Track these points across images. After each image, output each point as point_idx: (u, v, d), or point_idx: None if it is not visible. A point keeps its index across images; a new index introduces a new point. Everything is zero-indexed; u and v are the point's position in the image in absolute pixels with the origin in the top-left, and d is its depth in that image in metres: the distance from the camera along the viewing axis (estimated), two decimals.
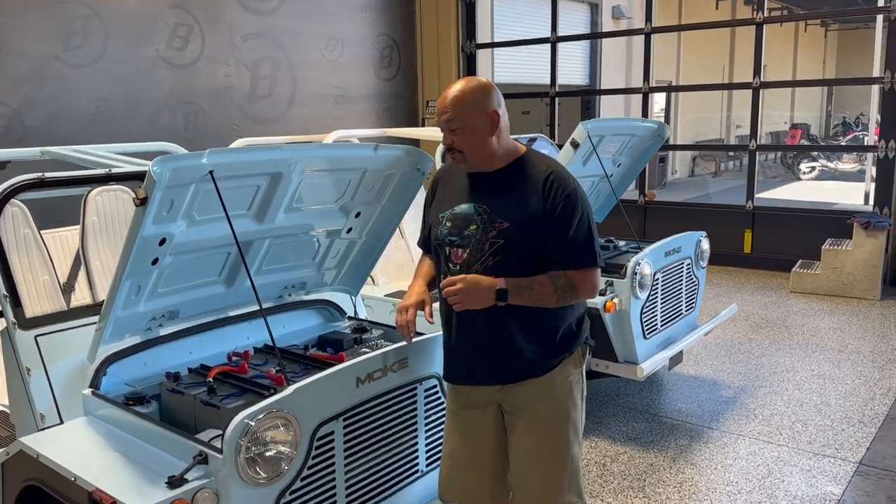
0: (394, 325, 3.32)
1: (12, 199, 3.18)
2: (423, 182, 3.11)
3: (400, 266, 5.26)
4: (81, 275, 4.18)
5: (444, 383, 2.56)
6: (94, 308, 2.80)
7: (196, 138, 7.82)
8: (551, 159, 2.35)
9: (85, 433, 2.46)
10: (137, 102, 7.34)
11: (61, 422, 2.52)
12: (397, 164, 2.97)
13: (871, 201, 7.59)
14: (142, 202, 2.16)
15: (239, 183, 2.51)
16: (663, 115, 18.10)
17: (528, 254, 2.24)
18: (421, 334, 3.14)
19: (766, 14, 7.95)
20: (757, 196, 8.29)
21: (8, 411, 2.75)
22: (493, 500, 2.45)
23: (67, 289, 4.34)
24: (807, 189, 15.93)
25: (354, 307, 3.50)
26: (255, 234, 2.77)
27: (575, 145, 3.92)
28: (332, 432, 2.33)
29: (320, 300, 3.36)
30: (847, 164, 17.18)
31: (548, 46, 9.64)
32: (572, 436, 2.35)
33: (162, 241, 2.43)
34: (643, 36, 8.86)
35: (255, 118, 8.49)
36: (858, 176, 15.49)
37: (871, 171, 12.90)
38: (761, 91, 8.08)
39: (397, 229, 5.36)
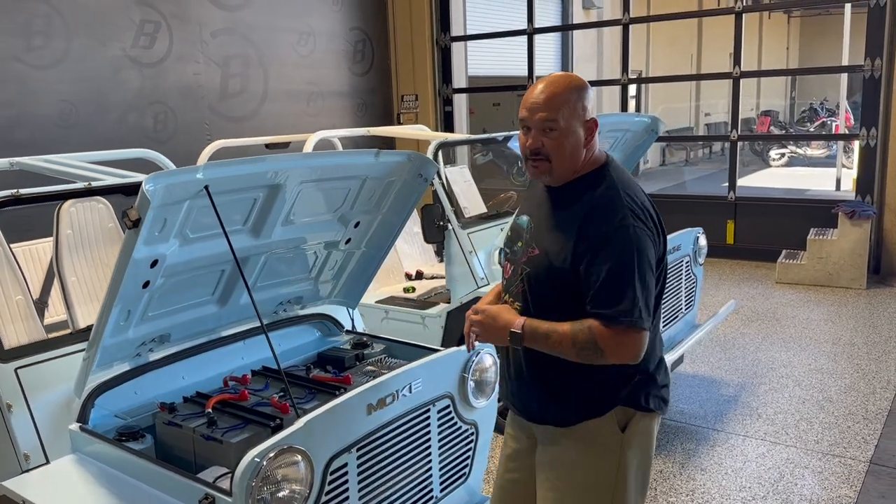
0: (394, 338, 3.20)
1: None
2: (425, 189, 2.95)
3: (388, 271, 5.09)
4: (55, 290, 3.95)
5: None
6: (77, 335, 2.61)
7: (166, 140, 7.54)
8: (615, 183, 1.91)
9: (74, 473, 2.27)
10: (104, 104, 7.03)
11: (47, 461, 2.32)
12: (398, 171, 2.80)
13: (848, 187, 7.59)
14: (134, 224, 1.97)
15: (235, 197, 2.34)
16: (634, 105, 18.12)
17: (553, 289, 1.91)
18: (421, 347, 3.01)
19: (745, 3, 7.90)
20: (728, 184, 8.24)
21: None
22: None
23: (40, 305, 4.10)
24: (778, 176, 16.04)
25: (352, 320, 3.33)
26: (251, 250, 2.60)
27: None
28: (346, 465, 2.17)
29: (316, 314, 3.19)
30: (816, 150, 17.35)
31: (520, 38, 9.50)
32: None
33: (153, 263, 2.24)
34: (620, 27, 8.75)
35: (227, 117, 8.22)
36: (828, 162, 15.64)
37: (842, 157, 13.04)
38: (741, 80, 8.03)
39: None
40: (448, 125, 10.00)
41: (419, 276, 5.21)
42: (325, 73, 9.32)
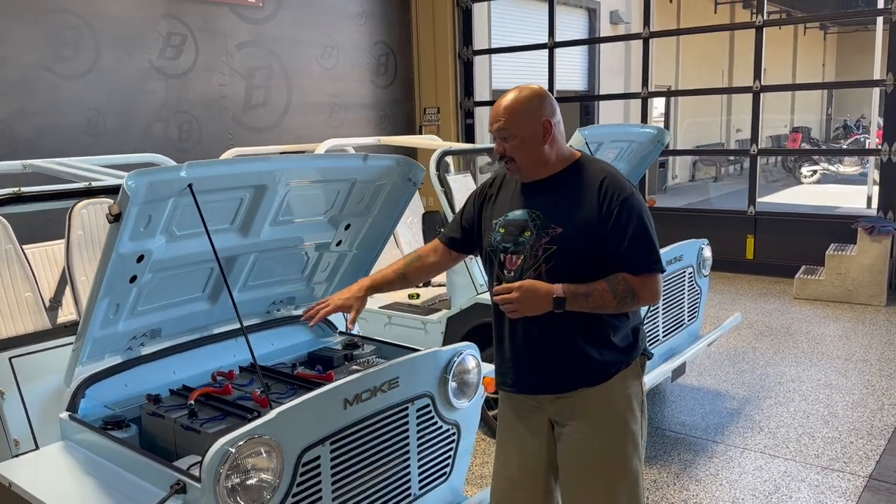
0: (388, 340, 3.26)
1: None
2: (415, 192, 3.01)
3: None
4: (68, 290, 4.08)
5: (499, 390, 2.44)
6: (71, 328, 2.70)
7: (190, 149, 7.74)
8: (606, 164, 2.29)
9: (61, 459, 2.35)
10: (130, 113, 7.25)
11: (37, 447, 2.41)
12: (388, 175, 2.87)
13: (875, 205, 7.46)
14: (115, 218, 2.06)
15: (221, 196, 2.42)
16: (662, 119, 18.02)
17: (581, 259, 2.17)
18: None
19: (765, 17, 7.85)
20: (758, 200, 8.18)
21: None
22: None
23: (54, 305, 4.24)
24: (809, 193, 15.82)
25: (346, 321, 3.38)
26: (240, 249, 2.68)
27: None
28: (319, 457, 2.22)
29: None
30: (849, 167, 17.05)
31: (545, 52, 9.56)
32: (631, 448, 2.24)
33: (140, 258, 2.33)
34: (642, 40, 8.76)
35: (250, 127, 8.40)
36: (861, 179, 15.38)
37: (874, 174, 12.81)
38: (762, 95, 7.97)
39: (392, 239, 5.30)
40: (469, 137, 10.08)
41: (427, 283, 5.26)
42: (349, 85, 9.47)
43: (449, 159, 5.75)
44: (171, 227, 2.35)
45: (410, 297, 4.79)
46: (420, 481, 2.61)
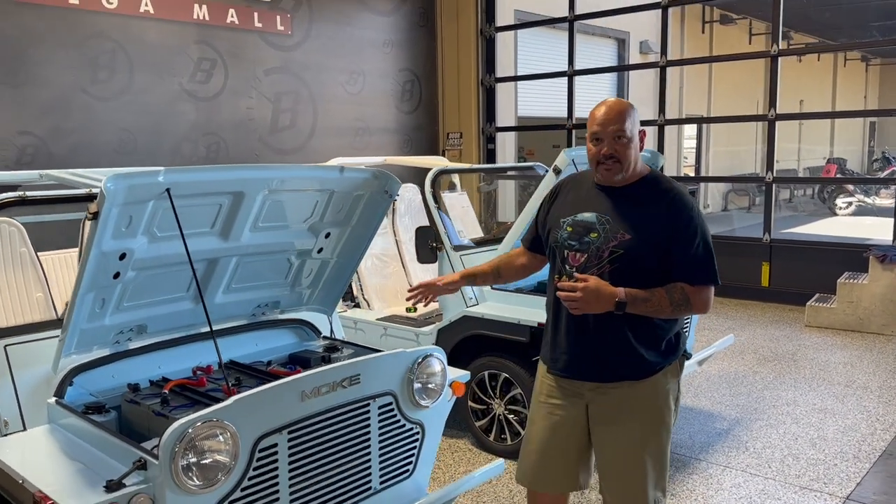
0: (369, 346, 3.42)
1: (7, 218, 3.36)
2: (391, 203, 3.18)
3: (397, 292, 5.32)
4: None
5: (540, 369, 2.70)
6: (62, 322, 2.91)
7: None
8: (674, 181, 2.52)
9: (45, 440, 2.54)
10: (161, 133, 7.61)
11: (24, 429, 2.61)
12: (364, 187, 3.05)
13: (892, 234, 7.40)
14: (94, 216, 2.27)
15: (199, 201, 2.61)
16: (695, 146, 17.99)
17: (643, 266, 2.39)
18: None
19: (780, 46, 7.91)
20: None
21: None
22: (568, 489, 2.63)
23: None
24: (843, 224, 15.58)
25: (331, 327, 3.56)
26: (221, 252, 2.86)
27: (557, 171, 3.95)
28: (276, 445, 2.37)
29: (296, 319, 3.43)
30: (885, 199, 16.77)
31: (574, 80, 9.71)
32: (665, 437, 2.49)
33: (122, 256, 2.53)
34: (667, 69, 8.85)
35: (276, 149, 8.71)
36: None
37: None
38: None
39: (397, 253, 5.47)
40: (490, 161, 10.26)
41: None
42: (373, 110, 9.75)
43: (456, 178, 5.94)
44: (152, 228, 2.55)
45: (408, 310, 4.95)
46: (381, 476, 2.73)
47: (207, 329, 3.12)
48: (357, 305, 5.11)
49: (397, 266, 5.42)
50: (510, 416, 4.14)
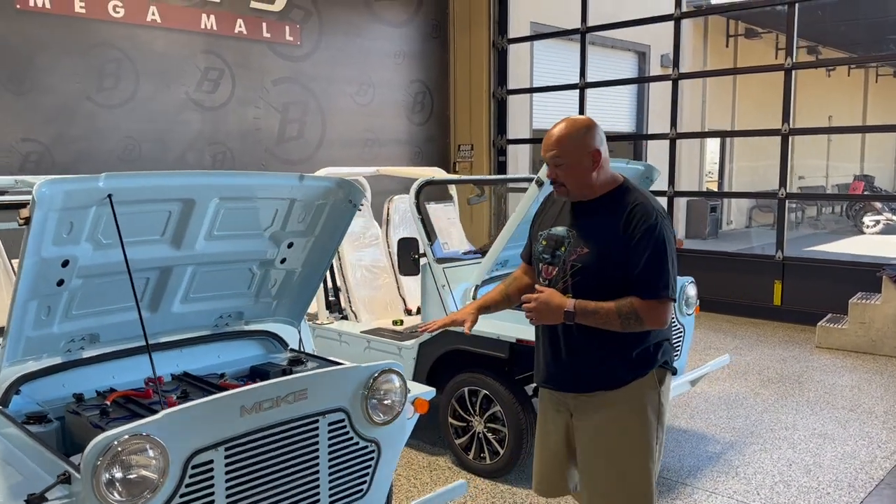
0: (334, 359, 3.33)
1: None
2: (355, 213, 3.10)
3: (387, 305, 5.24)
4: None
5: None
6: None
7: None
8: (643, 192, 2.51)
9: None
10: (165, 142, 7.64)
11: None
12: (327, 195, 2.97)
13: None
14: (25, 222, 2.21)
15: (146, 208, 2.55)
16: (718, 161, 17.71)
17: (602, 278, 2.41)
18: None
19: (794, 59, 7.73)
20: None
21: None
22: (565, 493, 2.74)
23: None
24: (869, 243, 15.19)
25: (300, 339, 3.48)
26: (174, 261, 2.80)
27: (539, 183, 3.84)
28: (211, 461, 2.29)
29: (262, 331, 3.35)
30: None
31: (591, 91, 9.58)
32: (637, 447, 2.47)
33: (65, 263, 2.47)
34: (686, 82, 8.70)
35: (283, 160, 8.71)
36: None
37: None
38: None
39: (388, 265, 5.39)
40: (502, 174, 10.15)
41: (420, 311, 5.31)
42: (383, 121, 9.72)
43: (453, 190, 5.84)
44: (96, 234, 2.49)
45: (395, 322, 4.86)
46: (331, 497, 2.63)
47: (166, 339, 3.07)
48: (345, 317, 5.03)
49: (388, 278, 5.34)
50: (489, 435, 4.02)
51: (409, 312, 5.33)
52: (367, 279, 5.20)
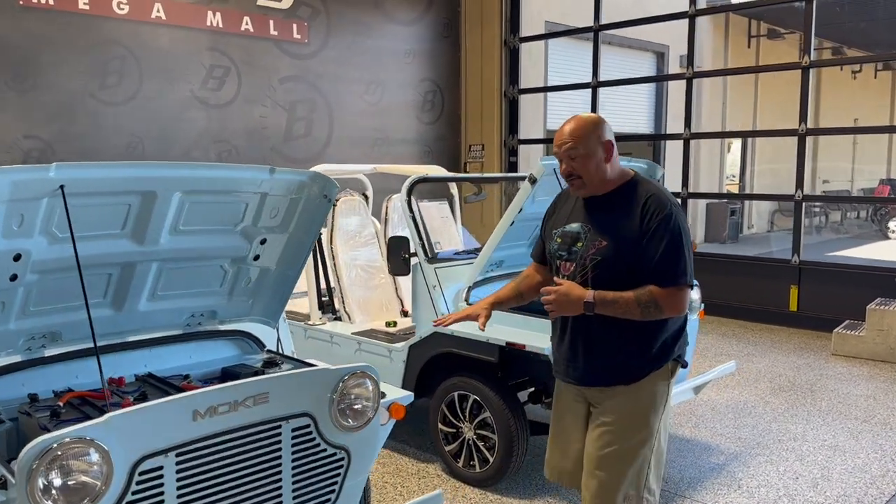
0: (310, 360, 3.20)
1: None
2: (330, 208, 2.97)
3: (383, 306, 5.10)
4: None
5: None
6: None
7: None
8: (656, 184, 2.57)
9: None
10: (169, 140, 7.58)
11: None
12: (300, 190, 2.85)
13: None
14: None
15: (103, 200, 2.44)
16: (739, 162, 17.37)
17: (622, 269, 2.45)
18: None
19: (811, 57, 7.48)
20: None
21: None
22: (579, 483, 2.71)
23: None
24: (894, 247, 14.81)
25: (278, 339, 3.35)
26: (137, 256, 2.68)
27: (532, 181, 3.69)
28: (161, 468, 2.16)
29: (237, 331, 3.23)
30: None
31: (609, 91, 9.38)
32: (645, 436, 2.53)
33: (17, 257, 2.37)
34: (703, 81, 8.48)
35: (290, 158, 8.61)
36: None
37: None
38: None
39: (384, 265, 5.25)
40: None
41: (406, 314, 5.17)
42: (393, 120, 9.59)
43: (454, 188, 5.69)
44: (50, 228, 2.38)
45: (388, 324, 4.72)
46: None
47: (134, 339, 2.96)
48: (338, 318, 4.90)
49: (385, 278, 5.20)
50: (479, 442, 3.86)
51: (405, 314, 5.19)
52: (362, 279, 5.07)
